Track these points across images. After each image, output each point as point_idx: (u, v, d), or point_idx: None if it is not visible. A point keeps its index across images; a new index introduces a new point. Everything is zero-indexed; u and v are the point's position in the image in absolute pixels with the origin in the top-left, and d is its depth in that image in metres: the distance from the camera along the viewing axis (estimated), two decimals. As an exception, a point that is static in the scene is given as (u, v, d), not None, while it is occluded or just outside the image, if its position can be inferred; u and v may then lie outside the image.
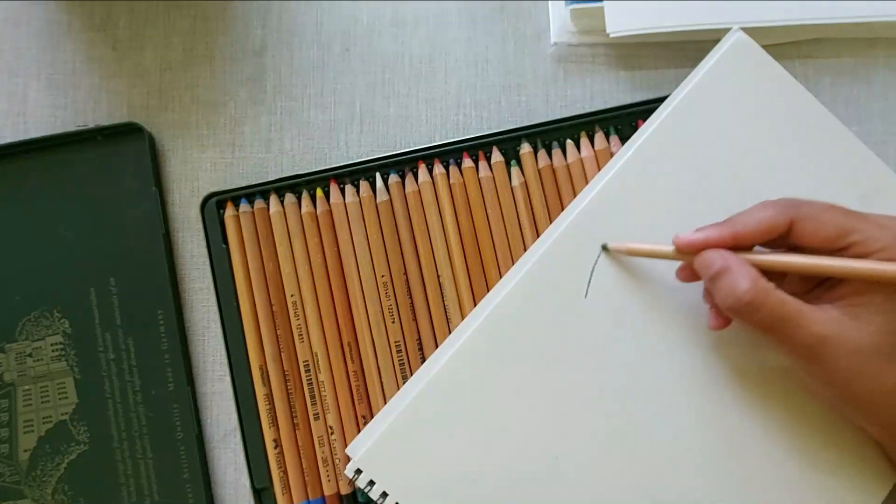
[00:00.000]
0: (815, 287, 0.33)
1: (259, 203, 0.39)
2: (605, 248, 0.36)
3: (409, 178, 0.39)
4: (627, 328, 0.36)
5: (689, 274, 0.34)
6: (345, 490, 0.38)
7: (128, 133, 0.40)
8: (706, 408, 0.35)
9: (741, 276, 0.30)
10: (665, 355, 0.35)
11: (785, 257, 0.31)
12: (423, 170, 0.39)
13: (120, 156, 0.40)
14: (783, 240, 0.32)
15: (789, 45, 0.41)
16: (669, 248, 0.33)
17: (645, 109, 0.39)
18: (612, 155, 0.39)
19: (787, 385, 0.35)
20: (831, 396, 0.32)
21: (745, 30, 0.38)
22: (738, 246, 0.32)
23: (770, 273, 0.31)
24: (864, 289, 0.30)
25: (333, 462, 0.38)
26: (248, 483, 0.38)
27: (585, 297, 0.35)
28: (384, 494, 0.34)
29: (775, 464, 0.35)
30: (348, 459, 0.35)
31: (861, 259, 0.30)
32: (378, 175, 0.39)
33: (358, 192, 0.39)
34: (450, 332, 0.37)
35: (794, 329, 0.30)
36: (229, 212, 0.39)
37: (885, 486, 0.35)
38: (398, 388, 0.37)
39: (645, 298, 0.36)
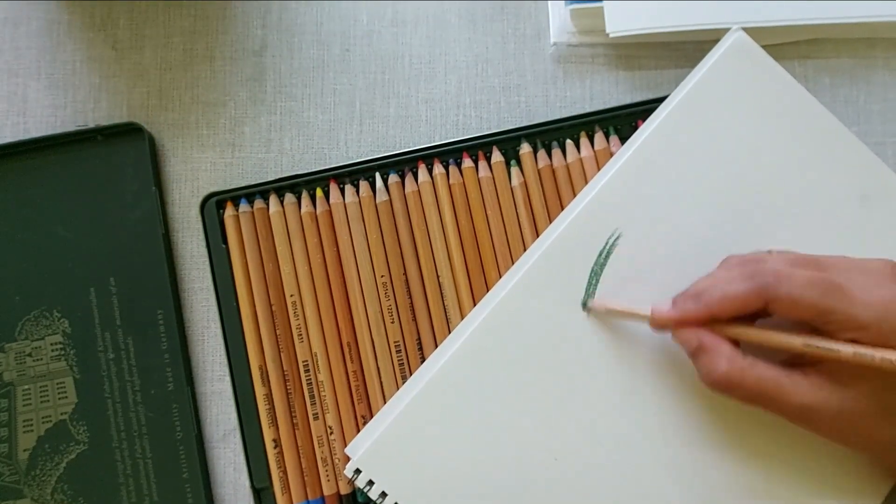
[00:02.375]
0: None
1: (259, 203, 0.39)
2: (585, 306, 0.35)
3: (409, 178, 0.39)
4: (628, 330, 0.35)
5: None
6: (344, 490, 0.38)
7: (128, 133, 0.40)
8: (700, 417, 0.35)
9: (718, 355, 0.30)
10: (664, 360, 0.35)
11: (761, 333, 0.31)
12: (422, 170, 0.39)
13: (120, 156, 0.40)
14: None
15: (789, 45, 0.41)
16: (645, 312, 0.33)
17: (645, 109, 0.39)
18: (611, 155, 0.39)
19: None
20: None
21: (745, 30, 0.38)
22: (714, 320, 0.31)
23: None
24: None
25: (333, 462, 0.38)
26: (247, 483, 0.38)
27: (586, 295, 0.35)
28: (383, 494, 0.34)
29: (769, 474, 0.35)
30: (348, 459, 0.35)
31: (835, 342, 0.29)
32: (378, 175, 0.39)
33: (358, 192, 0.39)
34: (449, 333, 0.37)
35: (777, 401, 0.30)
36: (229, 212, 0.39)
37: (881, 493, 0.35)
38: (398, 389, 0.37)
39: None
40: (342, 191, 0.39)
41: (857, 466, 0.35)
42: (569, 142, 0.40)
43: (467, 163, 0.39)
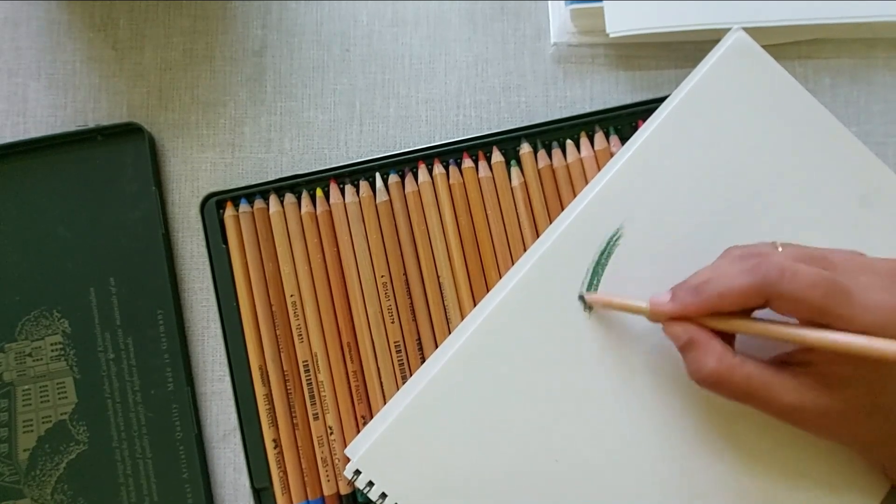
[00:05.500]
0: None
1: (259, 203, 0.39)
2: (581, 299, 0.35)
3: (409, 178, 0.39)
4: (627, 330, 0.35)
5: None
6: (344, 490, 0.38)
7: (128, 133, 0.40)
8: (700, 418, 0.35)
9: (706, 352, 0.30)
10: (665, 360, 0.35)
11: (759, 325, 0.30)
12: (422, 170, 0.39)
13: (120, 156, 0.40)
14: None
15: (789, 45, 0.41)
16: (643, 304, 0.33)
17: (645, 109, 0.39)
18: (611, 155, 0.39)
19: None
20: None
21: (745, 30, 0.38)
22: (712, 315, 0.31)
23: None
24: (834, 359, 0.29)
25: (333, 462, 0.38)
26: (247, 483, 0.38)
27: (587, 291, 0.35)
28: (383, 495, 0.34)
29: (766, 477, 0.35)
30: (348, 460, 0.35)
31: (832, 332, 0.28)
32: (378, 175, 0.39)
33: (358, 192, 0.39)
34: (449, 333, 0.37)
35: (765, 400, 0.30)
36: (229, 212, 0.39)
37: (877, 496, 0.35)
38: (398, 389, 0.37)
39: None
40: (342, 191, 0.39)
41: (855, 467, 0.34)
42: (569, 142, 0.40)
43: (467, 163, 0.39)
